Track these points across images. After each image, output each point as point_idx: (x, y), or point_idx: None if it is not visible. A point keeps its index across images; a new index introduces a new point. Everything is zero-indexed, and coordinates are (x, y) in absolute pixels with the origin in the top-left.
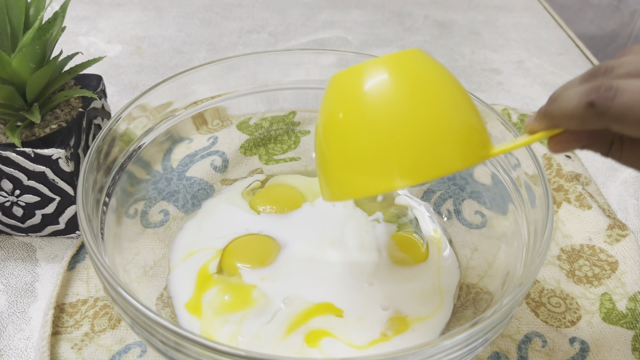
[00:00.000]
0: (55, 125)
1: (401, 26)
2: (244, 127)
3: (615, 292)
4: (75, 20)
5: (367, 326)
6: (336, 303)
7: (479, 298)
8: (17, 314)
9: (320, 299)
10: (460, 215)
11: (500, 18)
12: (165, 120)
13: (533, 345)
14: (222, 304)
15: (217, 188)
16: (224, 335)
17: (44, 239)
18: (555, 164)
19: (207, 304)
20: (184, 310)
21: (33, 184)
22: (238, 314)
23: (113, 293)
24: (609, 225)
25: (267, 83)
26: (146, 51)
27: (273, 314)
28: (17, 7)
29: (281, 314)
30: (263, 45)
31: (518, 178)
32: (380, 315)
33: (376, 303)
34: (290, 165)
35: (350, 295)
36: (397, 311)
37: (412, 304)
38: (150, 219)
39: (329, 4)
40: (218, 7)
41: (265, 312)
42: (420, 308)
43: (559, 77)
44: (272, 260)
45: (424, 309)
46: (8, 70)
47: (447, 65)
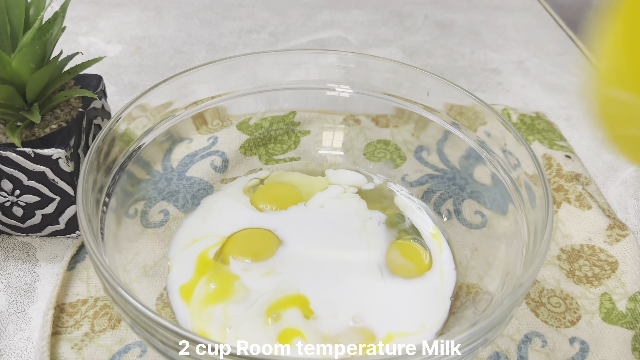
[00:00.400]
0: (55, 125)
1: (401, 26)
2: (244, 127)
3: (615, 292)
4: (75, 20)
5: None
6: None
7: (478, 298)
8: (17, 314)
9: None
10: (460, 215)
11: (500, 18)
12: (165, 120)
13: (533, 345)
14: (207, 293)
15: (217, 188)
16: (213, 327)
17: (44, 239)
18: (555, 164)
19: (196, 292)
20: (177, 293)
21: (33, 184)
22: (221, 304)
23: (113, 293)
24: (609, 225)
25: (267, 83)
26: (146, 51)
27: (252, 302)
28: (17, 7)
29: (260, 301)
30: (263, 45)
31: (518, 178)
32: (346, 324)
33: (348, 313)
34: (290, 165)
35: (326, 299)
36: (365, 327)
37: (397, 320)
38: (150, 219)
39: (329, 4)
40: (218, 7)
41: (245, 301)
42: (406, 325)
43: (559, 77)
44: (270, 256)
45: (410, 326)
46: (8, 70)
47: (447, 66)
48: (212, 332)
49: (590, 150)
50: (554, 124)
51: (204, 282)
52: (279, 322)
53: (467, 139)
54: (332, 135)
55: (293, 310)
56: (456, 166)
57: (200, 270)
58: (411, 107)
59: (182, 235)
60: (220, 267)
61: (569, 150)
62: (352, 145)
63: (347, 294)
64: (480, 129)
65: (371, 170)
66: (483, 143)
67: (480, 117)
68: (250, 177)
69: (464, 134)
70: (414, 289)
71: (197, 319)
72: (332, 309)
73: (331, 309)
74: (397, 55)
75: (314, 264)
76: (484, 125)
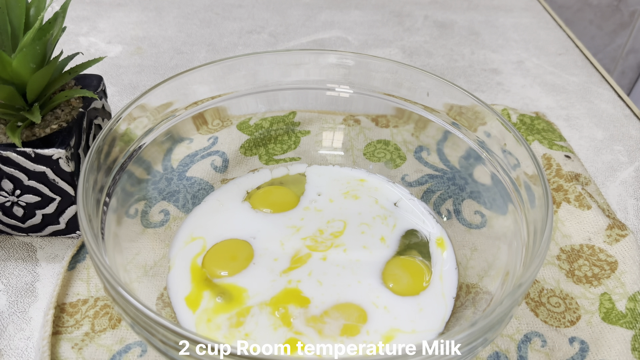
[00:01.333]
0: (56, 125)
1: (401, 26)
2: (244, 127)
3: (614, 292)
4: (76, 20)
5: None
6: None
7: (478, 298)
8: (18, 314)
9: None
10: (460, 215)
11: (500, 18)
12: (165, 120)
13: (533, 345)
14: (214, 307)
15: (217, 188)
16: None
17: (45, 239)
18: (554, 164)
19: (203, 307)
20: (184, 303)
21: (33, 184)
22: (227, 314)
23: (113, 293)
24: (609, 225)
25: (267, 83)
26: (146, 51)
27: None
28: (17, 7)
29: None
30: (263, 45)
31: (518, 178)
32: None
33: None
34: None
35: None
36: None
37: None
38: (150, 219)
39: (329, 4)
40: (218, 7)
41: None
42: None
43: (559, 77)
44: (245, 266)
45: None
46: (8, 71)
47: (447, 66)
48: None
49: (590, 150)
50: (553, 124)
51: (209, 296)
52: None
53: (467, 139)
54: (332, 136)
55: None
56: (456, 166)
57: (196, 279)
58: (411, 107)
59: (179, 238)
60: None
61: (568, 151)
62: (352, 145)
63: (345, 294)
64: (480, 129)
65: (371, 170)
66: (483, 143)
67: (480, 117)
68: (250, 177)
69: (464, 134)
70: (413, 302)
71: (204, 328)
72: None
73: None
74: (397, 56)
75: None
76: (483, 125)
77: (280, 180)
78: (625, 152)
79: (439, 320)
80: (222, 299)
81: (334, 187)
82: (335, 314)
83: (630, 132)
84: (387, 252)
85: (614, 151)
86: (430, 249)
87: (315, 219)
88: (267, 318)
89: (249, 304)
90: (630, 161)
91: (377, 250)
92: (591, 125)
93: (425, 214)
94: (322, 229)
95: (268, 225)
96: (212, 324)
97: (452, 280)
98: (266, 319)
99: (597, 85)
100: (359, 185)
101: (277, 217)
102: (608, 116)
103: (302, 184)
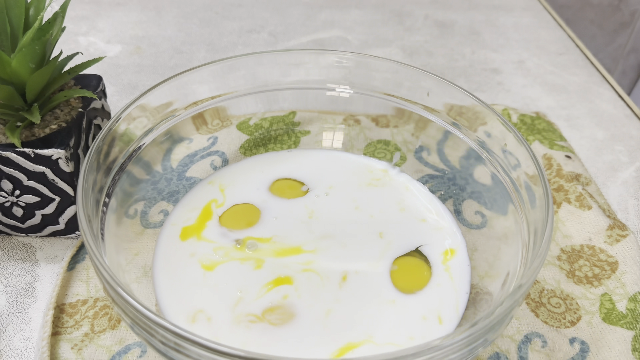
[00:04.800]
0: (55, 125)
1: (401, 26)
2: (244, 127)
3: (615, 292)
4: (75, 20)
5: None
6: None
7: (479, 298)
8: (17, 314)
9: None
10: (460, 216)
11: (500, 18)
12: (165, 120)
13: (533, 346)
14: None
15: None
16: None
17: (44, 239)
18: (555, 164)
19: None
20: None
21: (33, 184)
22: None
23: (113, 293)
24: (609, 226)
25: (267, 83)
26: (146, 51)
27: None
28: (17, 7)
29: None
30: (263, 45)
31: (518, 178)
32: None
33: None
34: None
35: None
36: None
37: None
38: (150, 219)
39: (329, 4)
40: (218, 7)
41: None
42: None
43: (559, 77)
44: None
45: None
46: (8, 71)
47: (447, 65)
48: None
49: (590, 150)
50: (554, 124)
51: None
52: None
53: (467, 139)
54: (332, 135)
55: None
56: (456, 166)
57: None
58: (411, 107)
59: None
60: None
61: (569, 151)
62: (352, 145)
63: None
64: (480, 129)
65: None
66: (483, 143)
67: (480, 117)
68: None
69: (464, 134)
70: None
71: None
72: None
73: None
74: (397, 55)
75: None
76: (484, 125)
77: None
78: (626, 152)
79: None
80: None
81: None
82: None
83: (631, 132)
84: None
85: (615, 151)
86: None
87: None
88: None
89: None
90: (631, 161)
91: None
92: (592, 125)
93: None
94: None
95: (275, 212)
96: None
97: (465, 275)
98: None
99: (598, 85)
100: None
101: (290, 202)
102: (609, 116)
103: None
